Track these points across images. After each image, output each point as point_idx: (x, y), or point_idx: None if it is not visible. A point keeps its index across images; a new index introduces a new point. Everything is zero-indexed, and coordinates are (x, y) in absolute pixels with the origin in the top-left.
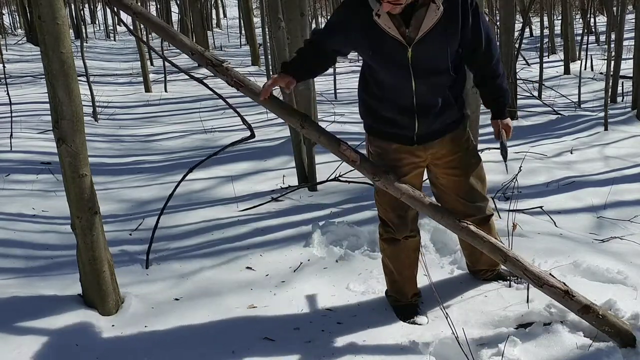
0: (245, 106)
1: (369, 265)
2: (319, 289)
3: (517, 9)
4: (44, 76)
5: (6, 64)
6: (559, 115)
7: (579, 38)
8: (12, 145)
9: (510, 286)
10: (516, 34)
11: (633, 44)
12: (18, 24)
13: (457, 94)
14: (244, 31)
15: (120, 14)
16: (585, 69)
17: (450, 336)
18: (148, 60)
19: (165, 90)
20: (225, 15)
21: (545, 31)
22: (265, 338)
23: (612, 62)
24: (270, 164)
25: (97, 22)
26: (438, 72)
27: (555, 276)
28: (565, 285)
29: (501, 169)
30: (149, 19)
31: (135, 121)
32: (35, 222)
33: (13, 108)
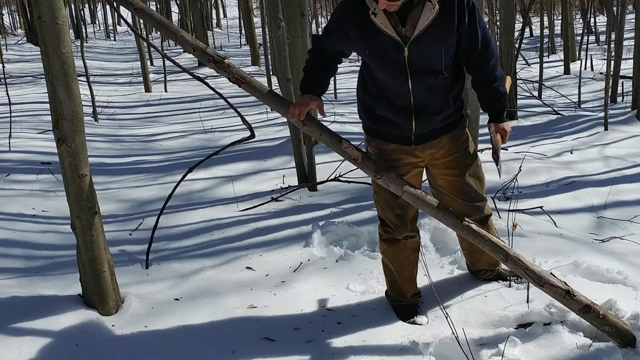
0: (245, 106)
1: (369, 265)
2: (319, 289)
3: (517, 9)
4: (44, 76)
5: (6, 64)
6: (559, 115)
7: (579, 38)
8: (11, 146)
9: (510, 286)
10: (516, 34)
11: (633, 44)
12: (18, 24)
13: (456, 94)
14: (244, 31)
15: (120, 10)
16: (585, 69)
17: (450, 336)
18: (148, 60)
19: (165, 90)
20: (225, 15)
21: (545, 31)
22: (265, 338)
23: (612, 62)
24: (270, 164)
25: (97, 22)
26: (434, 73)
27: (556, 276)
28: (566, 284)
29: None
30: (150, 15)
31: (135, 121)
32: (35, 222)
33: (13, 108)
